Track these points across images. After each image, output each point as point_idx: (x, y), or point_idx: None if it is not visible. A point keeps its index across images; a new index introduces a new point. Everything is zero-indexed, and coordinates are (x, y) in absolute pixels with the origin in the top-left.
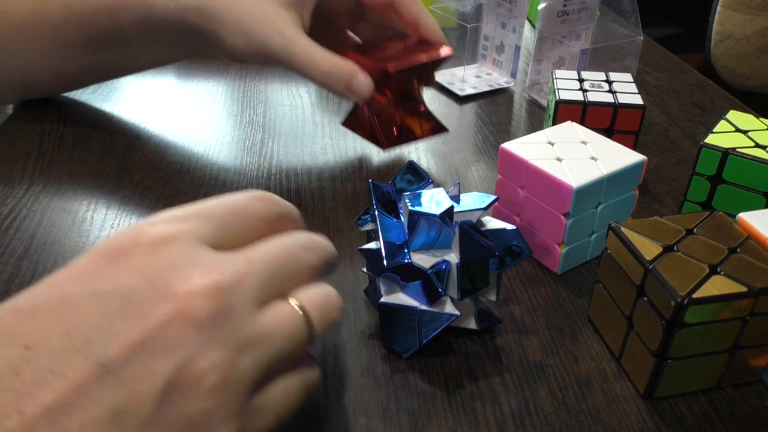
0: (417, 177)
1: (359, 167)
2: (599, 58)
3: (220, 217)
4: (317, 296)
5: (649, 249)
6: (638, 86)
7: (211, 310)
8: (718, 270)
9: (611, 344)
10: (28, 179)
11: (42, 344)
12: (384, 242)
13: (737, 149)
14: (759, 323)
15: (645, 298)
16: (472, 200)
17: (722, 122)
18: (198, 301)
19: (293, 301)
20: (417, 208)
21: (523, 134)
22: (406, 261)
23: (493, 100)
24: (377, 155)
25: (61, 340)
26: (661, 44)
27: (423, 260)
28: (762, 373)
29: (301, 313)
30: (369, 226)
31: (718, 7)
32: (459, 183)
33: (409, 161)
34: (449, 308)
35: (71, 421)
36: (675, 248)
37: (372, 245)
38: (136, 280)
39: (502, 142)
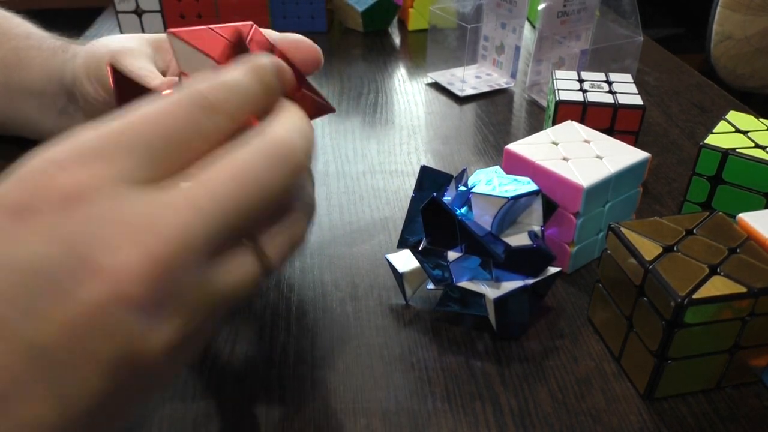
0: (441, 178)
1: (359, 167)
2: (599, 59)
3: (151, 145)
4: (284, 240)
5: (649, 249)
6: (638, 86)
7: (150, 291)
8: (718, 270)
9: (611, 344)
10: None
11: None
12: (483, 237)
13: (737, 150)
14: (759, 323)
15: (645, 299)
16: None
17: (722, 123)
18: (133, 283)
19: (252, 254)
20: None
21: (523, 135)
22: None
23: (493, 100)
24: (378, 155)
25: None
26: (661, 44)
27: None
28: (762, 373)
29: (261, 269)
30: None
31: (718, 8)
32: (466, 168)
33: (422, 166)
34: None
35: (10, 418)
36: (675, 248)
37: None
38: (49, 247)
39: (502, 143)
